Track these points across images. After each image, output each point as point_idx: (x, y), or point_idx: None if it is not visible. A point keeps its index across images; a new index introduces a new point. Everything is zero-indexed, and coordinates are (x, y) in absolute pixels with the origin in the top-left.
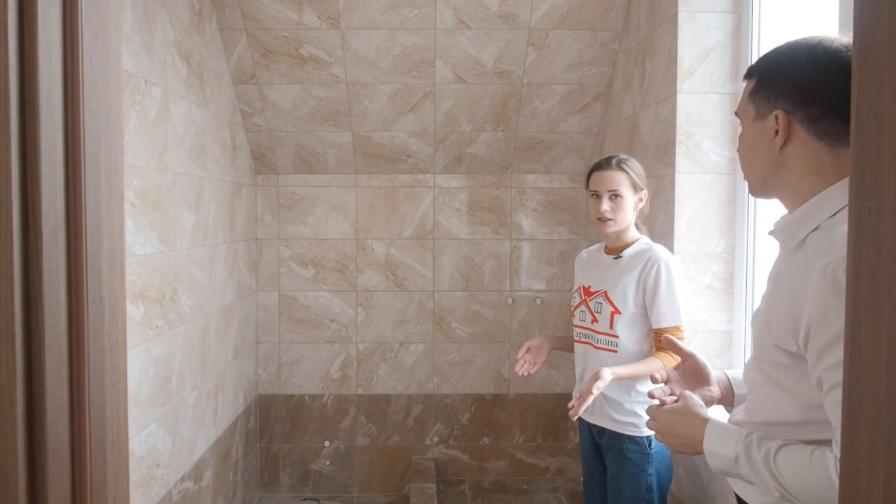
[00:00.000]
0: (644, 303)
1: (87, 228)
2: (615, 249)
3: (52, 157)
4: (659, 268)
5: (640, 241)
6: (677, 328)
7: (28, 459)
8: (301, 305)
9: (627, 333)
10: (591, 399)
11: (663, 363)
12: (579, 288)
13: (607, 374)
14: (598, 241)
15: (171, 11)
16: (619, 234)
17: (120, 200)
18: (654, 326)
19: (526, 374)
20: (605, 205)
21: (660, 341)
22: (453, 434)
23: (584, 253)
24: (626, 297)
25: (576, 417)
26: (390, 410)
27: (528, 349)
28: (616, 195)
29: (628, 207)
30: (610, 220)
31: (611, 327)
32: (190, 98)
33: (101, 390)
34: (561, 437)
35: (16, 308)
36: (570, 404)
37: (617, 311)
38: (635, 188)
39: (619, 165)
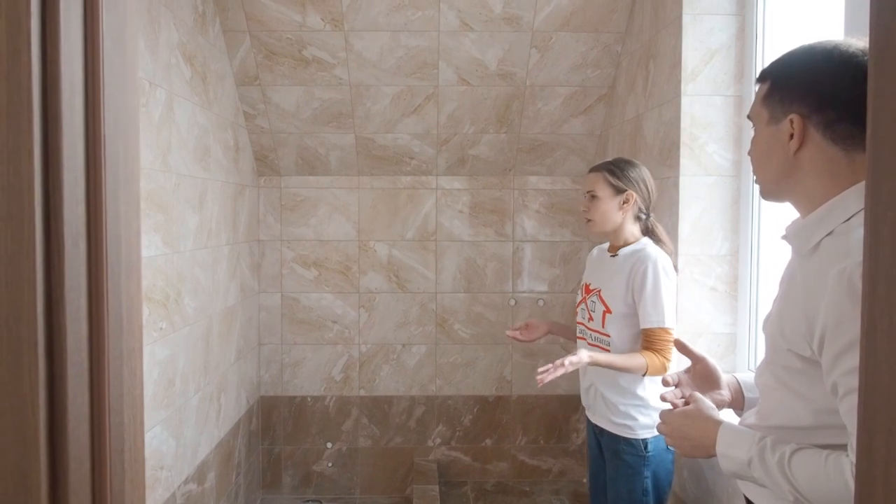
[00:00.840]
0: (634, 302)
1: (108, 235)
2: (614, 248)
3: (74, 164)
4: (646, 268)
5: (640, 241)
6: (663, 330)
7: (50, 467)
8: (303, 307)
9: (619, 333)
10: (559, 372)
11: (647, 361)
12: (583, 285)
13: (584, 355)
14: (603, 242)
15: (175, 13)
16: (618, 234)
17: (137, 206)
18: (641, 326)
19: (514, 338)
20: (584, 205)
21: (647, 341)
22: (455, 436)
23: (594, 250)
24: (616, 296)
25: (541, 385)
26: (392, 412)
27: (527, 325)
28: (593, 196)
29: (607, 208)
30: (589, 220)
31: (602, 326)
32: (193, 100)
33: (120, 397)
34: (563, 438)
35: (38, 315)
36: (540, 369)
37: (608, 311)
38: (617, 190)
39: (600, 167)
